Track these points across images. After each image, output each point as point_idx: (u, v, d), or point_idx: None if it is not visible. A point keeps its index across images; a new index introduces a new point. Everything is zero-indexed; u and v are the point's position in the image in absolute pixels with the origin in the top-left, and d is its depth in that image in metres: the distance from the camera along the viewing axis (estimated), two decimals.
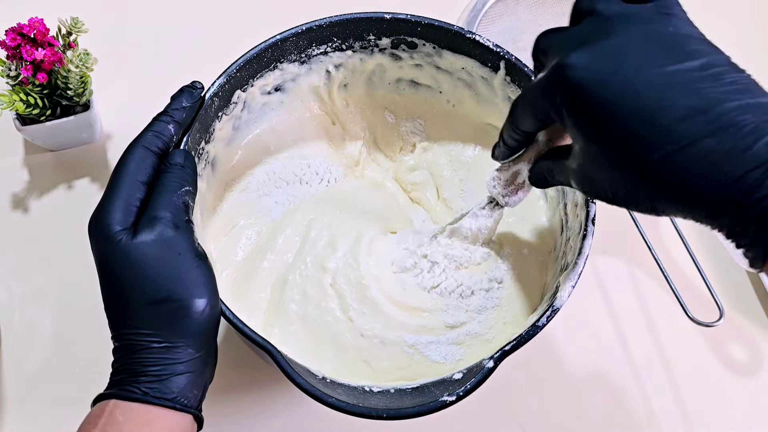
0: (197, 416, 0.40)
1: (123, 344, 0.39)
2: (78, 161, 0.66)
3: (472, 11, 0.68)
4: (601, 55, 0.32)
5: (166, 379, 0.38)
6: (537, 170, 0.43)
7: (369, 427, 0.57)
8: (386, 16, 0.53)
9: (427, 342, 0.50)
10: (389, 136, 0.61)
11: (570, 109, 0.33)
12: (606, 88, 0.31)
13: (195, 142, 0.48)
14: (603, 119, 0.32)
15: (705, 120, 0.29)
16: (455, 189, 0.58)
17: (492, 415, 0.59)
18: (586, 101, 0.32)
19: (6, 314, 0.60)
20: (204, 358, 0.40)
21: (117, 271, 0.38)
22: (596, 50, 0.32)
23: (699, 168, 0.30)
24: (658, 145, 0.30)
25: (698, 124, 0.29)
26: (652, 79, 0.31)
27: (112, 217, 0.39)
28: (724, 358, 0.63)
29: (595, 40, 0.33)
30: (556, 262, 0.51)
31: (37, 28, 0.56)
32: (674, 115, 0.30)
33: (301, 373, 0.40)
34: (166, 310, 0.38)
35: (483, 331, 0.51)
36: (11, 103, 0.56)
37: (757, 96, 0.30)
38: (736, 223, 0.30)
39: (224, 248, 0.53)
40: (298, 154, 0.58)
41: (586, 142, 0.34)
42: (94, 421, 0.37)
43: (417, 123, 0.61)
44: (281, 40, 0.51)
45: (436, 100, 0.60)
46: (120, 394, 0.38)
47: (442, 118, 0.60)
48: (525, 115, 0.38)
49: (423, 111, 0.61)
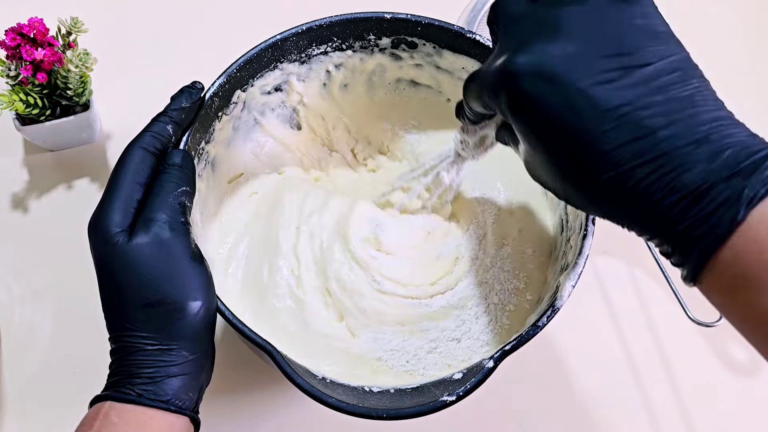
0: (193, 418, 0.40)
1: (119, 346, 0.39)
2: (78, 161, 0.66)
3: (472, 11, 0.68)
4: (546, 61, 0.32)
5: (161, 381, 0.38)
6: (500, 137, 0.44)
7: (369, 427, 0.57)
8: (386, 16, 0.53)
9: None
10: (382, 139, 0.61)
11: (513, 114, 0.34)
12: (548, 101, 0.32)
13: (195, 142, 0.48)
14: (544, 131, 0.33)
15: (640, 148, 0.30)
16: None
17: (492, 415, 0.59)
18: (528, 111, 0.33)
19: (6, 314, 0.60)
20: (199, 361, 0.40)
21: (113, 272, 0.38)
22: (542, 54, 0.32)
23: (631, 194, 0.31)
24: (594, 169, 0.31)
25: (633, 152, 0.30)
26: (594, 97, 0.31)
27: (110, 219, 0.39)
28: (724, 358, 0.63)
29: (543, 39, 0.33)
30: (556, 262, 0.51)
31: (36, 28, 0.56)
32: (612, 143, 0.30)
33: (300, 373, 0.40)
34: (160, 312, 0.38)
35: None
36: (11, 103, 0.56)
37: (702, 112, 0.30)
38: (666, 244, 0.32)
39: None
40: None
41: (529, 146, 0.34)
42: (90, 422, 0.37)
43: (410, 123, 0.60)
44: (281, 40, 0.51)
45: (435, 100, 0.60)
46: (115, 396, 0.38)
47: (439, 119, 0.60)
48: (475, 102, 0.39)
49: (420, 110, 0.61)
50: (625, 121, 0.30)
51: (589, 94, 0.31)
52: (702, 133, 0.30)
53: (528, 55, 0.32)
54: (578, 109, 0.31)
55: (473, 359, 0.49)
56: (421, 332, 0.51)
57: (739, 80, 0.77)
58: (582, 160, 0.31)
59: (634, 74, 0.31)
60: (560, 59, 0.32)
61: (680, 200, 0.30)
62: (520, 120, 0.34)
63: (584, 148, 0.31)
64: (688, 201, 0.29)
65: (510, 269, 0.53)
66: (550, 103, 0.32)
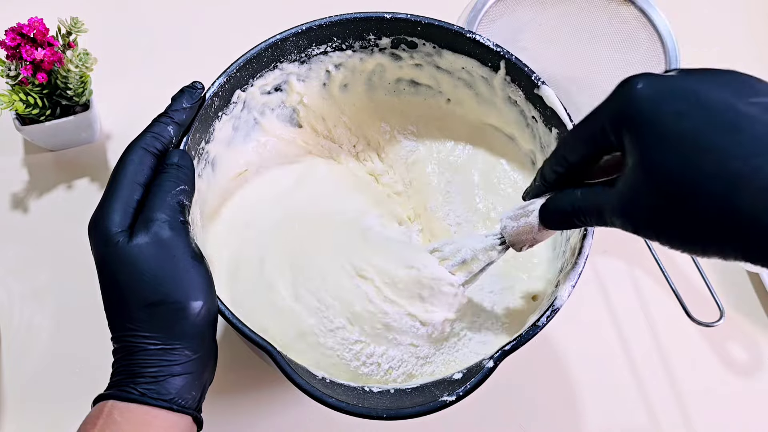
0: (196, 417, 0.40)
1: (121, 346, 0.39)
2: (78, 161, 0.66)
3: (472, 11, 0.68)
4: (672, 81, 0.30)
5: (163, 380, 0.38)
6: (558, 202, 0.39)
7: (369, 427, 0.57)
8: (386, 16, 0.53)
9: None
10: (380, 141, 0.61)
11: (629, 125, 0.31)
12: (674, 107, 0.29)
13: (195, 142, 0.48)
14: (664, 144, 0.29)
15: None
16: (440, 196, 0.58)
17: (492, 415, 0.59)
18: (649, 117, 0.30)
19: (6, 314, 0.60)
20: (202, 360, 0.40)
21: (114, 273, 0.38)
22: (667, 80, 0.30)
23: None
24: (737, 188, 0.28)
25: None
26: (728, 114, 0.28)
27: (110, 219, 0.39)
28: (724, 358, 0.63)
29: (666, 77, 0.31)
30: (556, 261, 0.51)
31: (36, 28, 0.56)
32: (758, 183, 0.27)
33: (300, 373, 0.40)
34: (162, 312, 0.38)
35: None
36: (11, 103, 0.56)
37: None
38: None
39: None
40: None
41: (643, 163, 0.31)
42: (93, 421, 0.37)
43: (409, 129, 0.60)
44: (281, 40, 0.51)
45: (435, 101, 0.60)
46: (118, 395, 0.38)
47: (438, 120, 0.60)
48: (576, 142, 0.36)
49: (420, 113, 0.61)
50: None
51: (725, 111, 0.28)
52: None
53: (646, 77, 0.31)
54: (715, 124, 0.28)
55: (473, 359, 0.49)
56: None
57: None
58: (722, 179, 0.28)
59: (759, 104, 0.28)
60: (684, 80, 0.30)
61: None
62: (637, 129, 0.31)
63: (725, 164, 0.28)
64: None
65: (498, 272, 0.53)
66: (674, 107, 0.29)
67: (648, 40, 0.68)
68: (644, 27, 0.68)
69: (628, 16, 0.68)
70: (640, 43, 0.68)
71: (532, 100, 0.52)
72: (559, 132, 0.50)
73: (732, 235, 0.28)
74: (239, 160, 0.56)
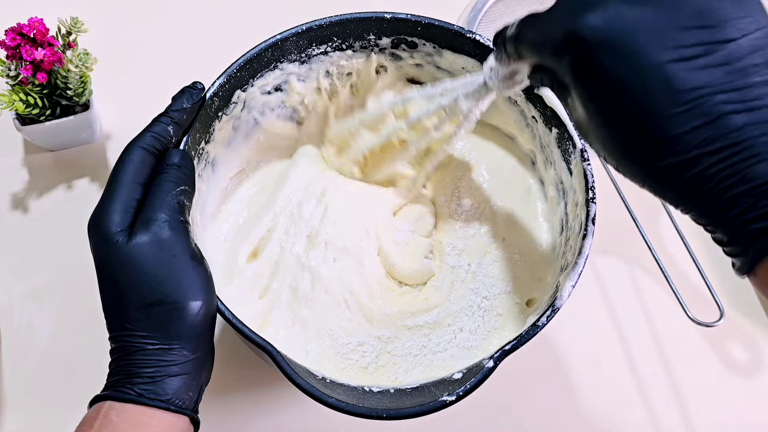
0: (193, 418, 0.40)
1: (119, 345, 0.39)
2: (78, 161, 0.66)
3: (472, 11, 0.68)
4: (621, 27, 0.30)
5: (161, 381, 0.38)
6: (535, 79, 0.39)
7: (369, 427, 0.57)
8: (386, 16, 0.53)
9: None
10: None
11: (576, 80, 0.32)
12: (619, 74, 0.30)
13: (195, 142, 0.48)
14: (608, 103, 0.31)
15: (710, 135, 0.29)
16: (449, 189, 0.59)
17: (492, 415, 0.59)
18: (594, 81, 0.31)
19: (6, 314, 0.60)
20: (199, 360, 0.40)
21: (113, 272, 0.38)
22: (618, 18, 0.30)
23: (693, 181, 0.29)
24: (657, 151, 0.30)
25: (702, 139, 0.29)
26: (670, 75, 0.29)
27: (109, 218, 0.39)
28: (724, 358, 0.63)
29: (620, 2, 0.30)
30: (556, 262, 0.51)
31: (36, 28, 0.56)
32: (680, 127, 0.29)
33: (300, 373, 0.40)
34: (160, 312, 0.38)
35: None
36: (11, 103, 0.56)
37: None
38: (722, 234, 0.30)
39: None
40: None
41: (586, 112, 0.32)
42: (90, 422, 0.37)
43: None
44: (281, 40, 0.51)
45: None
46: (115, 396, 0.38)
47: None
48: (529, 52, 0.36)
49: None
50: (699, 105, 0.29)
51: (666, 71, 0.29)
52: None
53: (601, 15, 0.30)
54: (650, 86, 0.29)
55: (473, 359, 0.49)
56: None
57: None
58: (645, 140, 0.30)
59: (715, 53, 0.29)
60: (637, 26, 0.29)
61: (747, 192, 0.28)
62: (584, 87, 0.32)
63: (650, 128, 0.29)
64: (758, 193, 0.28)
65: (496, 275, 0.53)
66: (620, 76, 0.30)
67: None
68: None
69: None
70: None
71: (532, 100, 0.52)
72: (559, 132, 0.50)
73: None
74: (239, 160, 0.57)
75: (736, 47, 0.29)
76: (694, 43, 0.29)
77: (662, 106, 0.29)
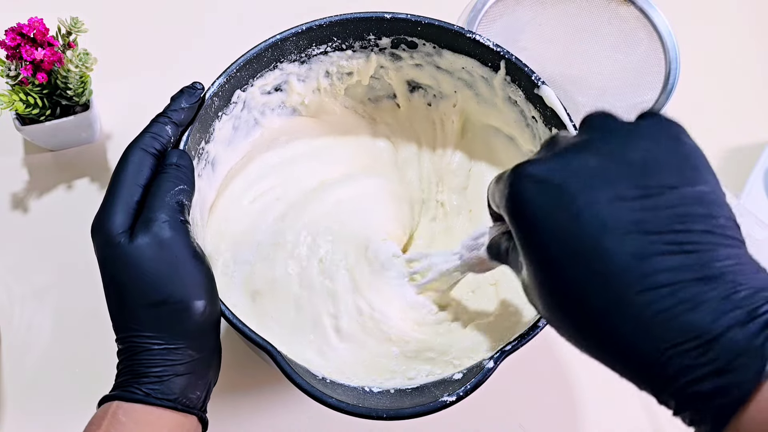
0: (201, 417, 0.40)
1: (126, 346, 0.39)
2: (78, 161, 0.66)
3: (472, 11, 0.68)
4: (562, 166, 0.29)
5: (168, 380, 0.38)
6: (494, 242, 0.40)
7: (369, 427, 0.57)
8: (386, 16, 0.52)
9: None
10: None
11: (510, 215, 0.31)
12: (550, 207, 0.29)
13: (195, 142, 0.48)
14: (539, 239, 0.29)
15: (640, 273, 0.26)
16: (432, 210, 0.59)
17: (492, 415, 0.59)
18: (525, 215, 0.30)
19: (6, 314, 0.59)
20: (206, 359, 0.40)
21: (117, 274, 0.39)
22: (560, 161, 0.29)
23: (621, 328, 0.26)
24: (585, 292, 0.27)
25: (636, 276, 0.26)
26: (601, 212, 0.27)
27: (111, 221, 0.39)
28: None
29: (570, 151, 0.30)
30: None
31: (36, 28, 0.56)
32: (608, 263, 0.27)
33: (301, 373, 0.40)
34: (165, 312, 0.38)
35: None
36: (11, 103, 0.56)
37: (720, 246, 0.26)
38: (671, 401, 0.27)
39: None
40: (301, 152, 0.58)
41: (522, 253, 0.31)
42: (98, 422, 0.38)
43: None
44: (281, 40, 0.51)
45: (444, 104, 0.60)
46: (123, 395, 0.38)
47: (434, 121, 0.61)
48: (490, 199, 0.36)
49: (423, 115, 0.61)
50: (629, 241, 0.26)
51: (597, 208, 0.27)
52: (716, 269, 0.25)
53: (547, 161, 0.30)
54: (580, 221, 0.27)
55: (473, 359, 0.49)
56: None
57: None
58: (571, 278, 0.28)
59: (654, 197, 0.27)
60: (576, 168, 0.29)
61: (686, 343, 0.25)
62: (516, 222, 0.30)
63: (578, 266, 0.27)
64: (697, 346, 0.25)
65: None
66: (551, 210, 0.28)
67: (648, 40, 0.68)
68: (644, 27, 0.68)
69: (628, 16, 0.68)
70: (640, 43, 0.68)
71: (532, 100, 0.52)
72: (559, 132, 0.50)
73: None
74: (238, 159, 0.57)
75: (678, 195, 0.27)
76: (632, 186, 0.27)
77: (591, 242, 0.27)
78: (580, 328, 0.29)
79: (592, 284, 0.27)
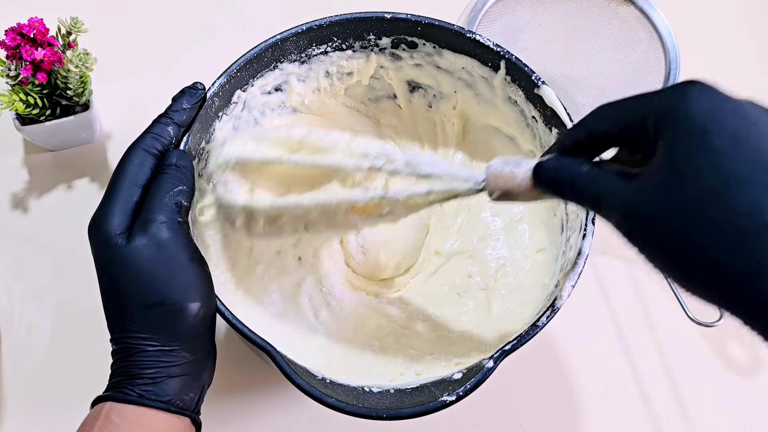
0: (195, 419, 0.40)
1: (120, 347, 0.39)
2: (78, 161, 0.66)
3: (472, 11, 0.68)
4: (738, 106, 0.29)
5: (162, 382, 0.38)
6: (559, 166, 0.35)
7: (369, 427, 0.57)
8: (386, 16, 0.52)
9: None
10: None
11: (677, 128, 0.29)
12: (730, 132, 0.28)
13: (195, 143, 0.48)
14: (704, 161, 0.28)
15: None
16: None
17: (492, 415, 0.59)
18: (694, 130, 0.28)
19: (6, 314, 0.59)
20: (200, 361, 0.40)
21: (113, 274, 0.38)
22: (734, 102, 0.29)
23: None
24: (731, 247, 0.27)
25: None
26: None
27: (108, 221, 0.39)
28: (724, 358, 0.63)
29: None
30: (556, 262, 0.51)
31: (36, 28, 0.56)
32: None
33: (300, 373, 0.40)
34: (160, 313, 0.38)
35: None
36: (11, 103, 0.56)
37: None
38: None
39: None
40: None
41: (673, 173, 0.29)
42: (91, 423, 0.37)
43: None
44: (281, 40, 0.51)
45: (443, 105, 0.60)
46: (116, 396, 0.38)
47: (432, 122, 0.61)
48: (608, 117, 0.33)
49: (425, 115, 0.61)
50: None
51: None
52: None
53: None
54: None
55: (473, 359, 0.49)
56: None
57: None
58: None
59: None
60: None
61: None
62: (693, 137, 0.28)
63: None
64: None
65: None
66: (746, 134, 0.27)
67: (648, 40, 0.68)
68: (644, 27, 0.68)
69: (628, 16, 0.68)
70: (640, 43, 0.68)
71: (532, 100, 0.52)
72: (559, 132, 0.50)
73: (722, 280, 0.29)
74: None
75: None
76: None
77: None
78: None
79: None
